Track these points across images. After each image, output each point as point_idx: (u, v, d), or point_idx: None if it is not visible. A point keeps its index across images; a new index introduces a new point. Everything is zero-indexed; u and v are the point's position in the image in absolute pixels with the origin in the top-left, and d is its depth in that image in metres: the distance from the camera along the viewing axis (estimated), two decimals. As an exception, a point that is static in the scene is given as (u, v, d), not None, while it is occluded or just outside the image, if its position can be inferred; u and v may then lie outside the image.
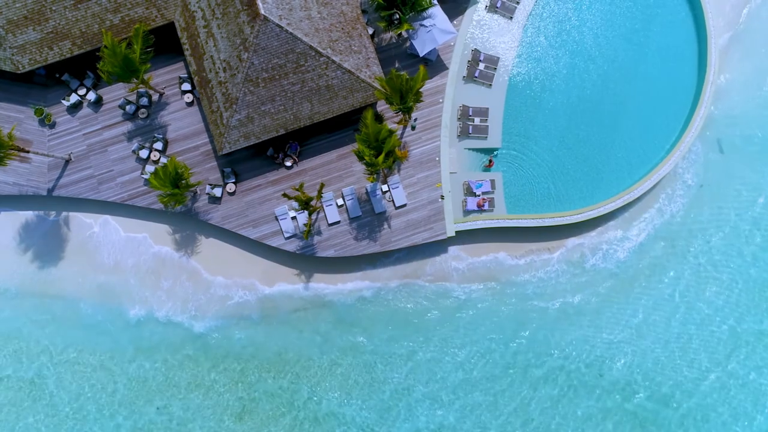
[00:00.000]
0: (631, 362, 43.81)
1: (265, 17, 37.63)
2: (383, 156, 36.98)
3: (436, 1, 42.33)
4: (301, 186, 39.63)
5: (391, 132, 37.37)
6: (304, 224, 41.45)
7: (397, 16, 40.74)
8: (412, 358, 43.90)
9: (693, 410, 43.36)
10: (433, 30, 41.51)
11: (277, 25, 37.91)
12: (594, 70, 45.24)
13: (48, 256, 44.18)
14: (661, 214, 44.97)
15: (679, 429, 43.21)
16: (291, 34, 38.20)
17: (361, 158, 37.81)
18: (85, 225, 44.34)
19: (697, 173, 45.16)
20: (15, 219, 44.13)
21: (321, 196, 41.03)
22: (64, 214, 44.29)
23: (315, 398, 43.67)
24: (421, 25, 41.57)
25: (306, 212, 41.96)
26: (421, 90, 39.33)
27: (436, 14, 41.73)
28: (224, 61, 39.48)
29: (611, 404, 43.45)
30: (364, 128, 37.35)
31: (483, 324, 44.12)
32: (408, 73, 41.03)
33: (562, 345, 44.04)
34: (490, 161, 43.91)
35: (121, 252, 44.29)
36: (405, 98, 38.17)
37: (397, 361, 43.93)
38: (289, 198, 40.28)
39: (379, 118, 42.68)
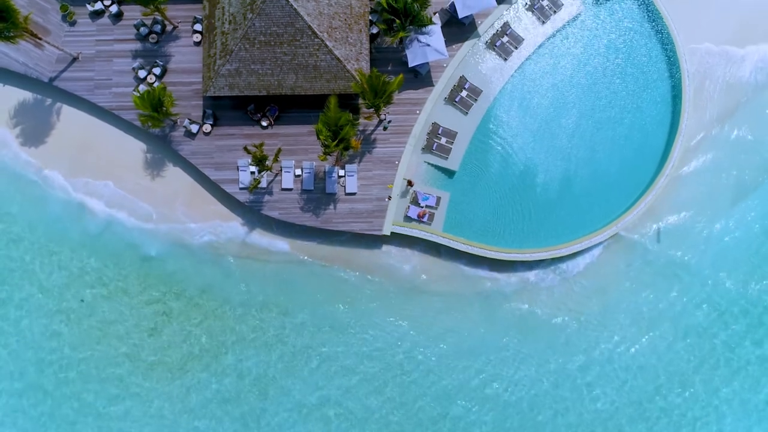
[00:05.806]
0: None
1: (275, -13, 41.19)
2: (337, 141, 40.27)
3: (438, 21, 45.46)
4: (261, 144, 43.07)
5: (349, 122, 40.65)
6: (254, 179, 44.87)
7: (396, 24, 43.89)
8: (322, 331, 47.07)
9: None
10: (427, 47, 44.62)
11: (285, -2, 41.50)
12: (565, 131, 47.90)
13: (34, 137, 48.09)
14: (579, 275, 47.50)
15: None
16: (294, 9, 41.68)
17: (318, 136, 41.13)
18: (74, 120, 48.19)
19: (623, 253, 47.55)
20: (13, 94, 48.16)
21: (277, 160, 44.42)
22: (57, 104, 48.27)
23: (217, 342, 46.96)
24: (418, 39, 44.72)
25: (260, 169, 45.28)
26: (393, 95, 42.51)
27: (435, 32, 44.85)
28: (232, 14, 43.09)
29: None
30: (327, 111, 40.69)
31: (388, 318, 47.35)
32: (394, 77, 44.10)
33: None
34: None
35: (101, 156, 47.97)
36: (377, 97, 41.41)
37: (308, 331, 47.13)
38: (248, 152, 43.72)
39: (356, 109, 45.90)
